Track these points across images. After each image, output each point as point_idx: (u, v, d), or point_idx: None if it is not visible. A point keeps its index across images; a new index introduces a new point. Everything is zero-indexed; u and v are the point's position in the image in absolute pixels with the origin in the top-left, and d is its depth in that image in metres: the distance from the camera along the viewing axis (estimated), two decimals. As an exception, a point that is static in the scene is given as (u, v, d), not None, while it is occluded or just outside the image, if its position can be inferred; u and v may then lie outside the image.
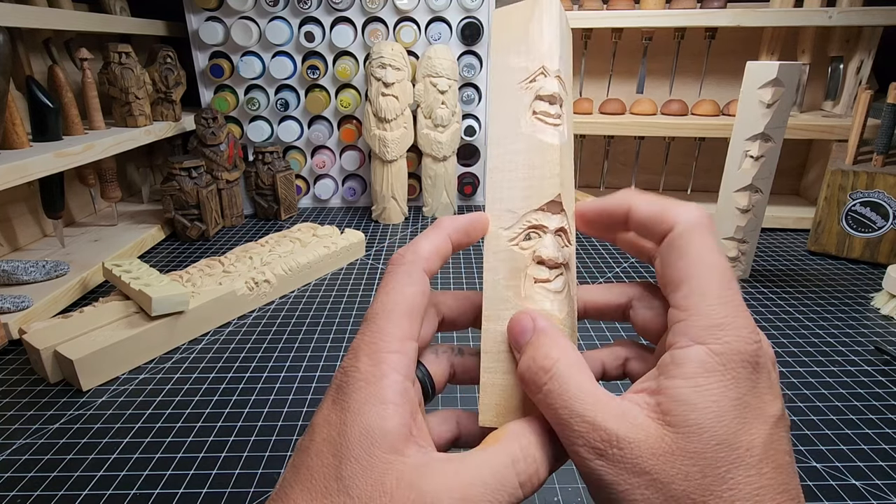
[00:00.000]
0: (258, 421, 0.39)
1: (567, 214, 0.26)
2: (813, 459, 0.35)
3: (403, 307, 0.22)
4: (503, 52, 0.30)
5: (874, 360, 0.47)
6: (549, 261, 0.25)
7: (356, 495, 0.19)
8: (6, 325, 0.47)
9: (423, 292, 0.23)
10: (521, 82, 0.28)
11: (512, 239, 0.26)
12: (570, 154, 0.28)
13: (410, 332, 0.22)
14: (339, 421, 0.20)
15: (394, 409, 0.20)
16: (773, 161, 0.58)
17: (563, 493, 0.32)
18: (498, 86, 0.29)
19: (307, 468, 0.20)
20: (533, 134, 0.27)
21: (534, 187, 0.26)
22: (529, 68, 0.28)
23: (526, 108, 0.28)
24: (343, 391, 0.21)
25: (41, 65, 0.70)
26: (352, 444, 0.20)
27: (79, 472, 0.34)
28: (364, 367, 0.21)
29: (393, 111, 0.78)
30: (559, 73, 0.28)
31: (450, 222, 0.25)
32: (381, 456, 0.19)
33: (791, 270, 0.66)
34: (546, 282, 0.25)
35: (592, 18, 0.78)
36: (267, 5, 0.81)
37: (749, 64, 0.57)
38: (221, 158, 0.78)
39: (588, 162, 0.93)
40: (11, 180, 0.49)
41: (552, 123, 0.27)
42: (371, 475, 0.19)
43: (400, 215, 0.84)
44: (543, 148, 0.27)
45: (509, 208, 0.27)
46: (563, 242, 0.26)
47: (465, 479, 0.19)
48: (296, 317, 0.54)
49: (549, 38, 0.28)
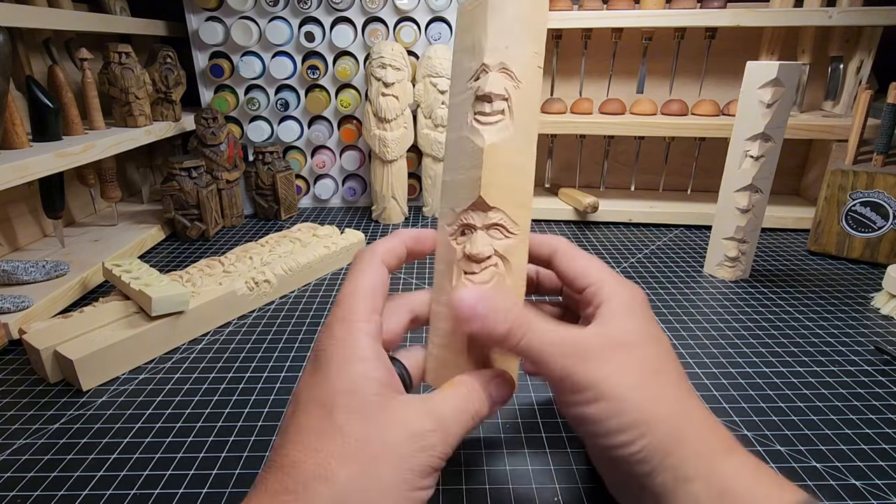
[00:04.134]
0: (258, 421, 0.39)
1: (506, 209, 0.28)
2: (813, 459, 0.35)
3: (367, 288, 0.27)
4: (458, 52, 0.30)
5: (874, 360, 0.47)
6: (473, 256, 0.28)
7: (350, 431, 0.22)
8: (6, 325, 0.47)
9: (382, 279, 0.28)
10: (468, 82, 0.29)
11: (451, 234, 0.29)
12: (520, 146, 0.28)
13: (374, 307, 0.26)
14: (323, 381, 0.24)
15: (373, 364, 0.24)
16: (773, 161, 0.58)
17: (563, 493, 0.32)
18: (453, 86, 0.31)
19: (297, 427, 0.23)
20: (468, 136, 0.28)
21: (466, 188, 0.29)
22: (473, 68, 0.29)
23: (469, 109, 0.29)
24: (321, 359, 0.25)
25: (41, 65, 0.70)
26: (341, 394, 0.23)
27: (79, 472, 0.34)
28: (339, 334, 0.25)
29: (393, 111, 0.78)
30: (503, 66, 0.28)
31: (404, 231, 0.30)
32: (370, 399, 0.23)
33: (791, 270, 0.66)
34: (472, 274, 0.28)
35: (592, 18, 0.78)
36: (267, 5, 0.81)
37: (749, 64, 0.57)
38: (221, 158, 0.78)
39: (588, 162, 0.93)
40: (11, 180, 0.49)
41: (488, 122, 0.28)
42: (361, 414, 0.23)
43: (400, 215, 0.84)
44: (473, 150, 0.28)
45: (451, 206, 0.29)
46: (500, 235, 0.28)
47: (436, 406, 0.25)
48: (296, 317, 0.54)
49: (492, 33, 0.28)
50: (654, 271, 0.65)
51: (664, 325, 0.52)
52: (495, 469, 0.34)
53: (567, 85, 0.90)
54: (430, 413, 0.24)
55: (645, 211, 0.82)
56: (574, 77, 0.89)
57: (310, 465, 0.21)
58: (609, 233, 0.79)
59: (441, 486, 0.33)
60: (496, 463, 0.35)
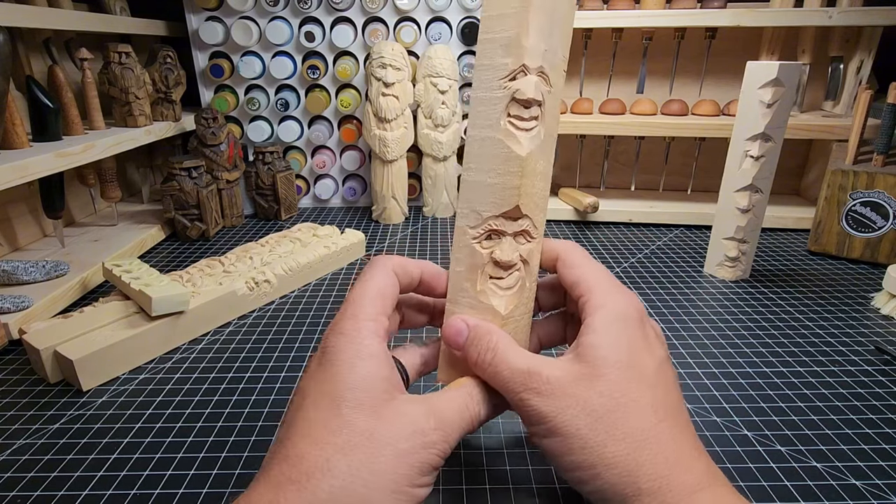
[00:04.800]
0: (258, 421, 0.39)
1: (533, 216, 0.28)
2: (813, 459, 0.35)
3: (377, 291, 0.27)
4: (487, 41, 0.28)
5: (874, 360, 0.47)
6: (503, 263, 0.28)
7: (355, 425, 0.23)
8: (6, 325, 0.47)
9: (392, 284, 0.28)
10: (501, 79, 0.27)
11: (475, 238, 0.29)
12: (547, 152, 0.29)
13: (383, 310, 0.27)
14: (332, 377, 0.25)
15: (380, 363, 0.25)
16: (774, 161, 0.58)
17: (563, 493, 0.32)
18: (478, 78, 0.28)
19: (304, 420, 0.24)
20: (503, 140, 0.27)
21: (497, 194, 0.28)
22: (509, 65, 0.27)
23: (503, 110, 0.27)
24: (328, 353, 0.25)
25: (41, 65, 0.70)
26: (349, 390, 0.24)
27: (79, 472, 0.34)
28: (348, 332, 0.26)
29: (393, 111, 0.78)
30: (542, 70, 0.27)
31: (425, 262, 0.31)
32: (378, 395, 0.24)
33: (791, 270, 0.66)
34: (499, 279, 0.28)
35: (592, 18, 0.78)
36: (267, 5, 0.81)
37: (749, 64, 0.57)
38: (221, 158, 0.78)
39: (588, 162, 0.93)
40: (11, 180, 0.49)
41: (524, 128, 0.27)
42: (368, 410, 0.24)
43: (400, 215, 0.84)
44: (509, 157, 0.27)
45: (475, 209, 0.29)
46: (524, 240, 0.29)
47: (439, 406, 0.25)
48: (296, 317, 0.54)
49: (535, 30, 0.26)
50: (654, 271, 0.65)
51: (664, 325, 0.52)
52: (495, 469, 0.34)
53: (567, 85, 0.90)
54: (432, 412, 0.25)
55: (645, 211, 0.82)
56: (574, 77, 0.89)
57: (315, 457, 0.22)
58: (609, 233, 0.79)
59: (441, 486, 0.33)
60: (496, 463, 0.35)
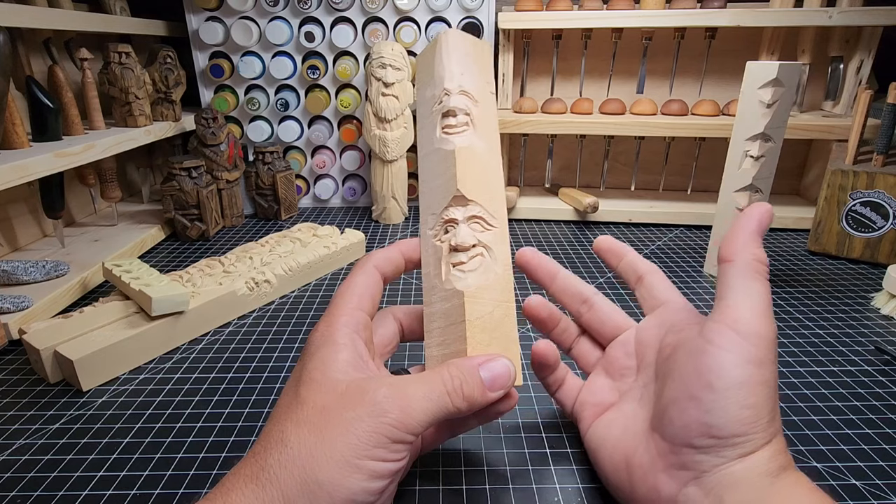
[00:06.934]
0: (258, 421, 0.39)
1: (483, 203, 0.31)
2: (813, 459, 0.35)
3: (354, 289, 0.29)
4: (421, 87, 0.36)
5: (874, 360, 0.47)
6: (458, 246, 0.30)
7: (309, 401, 0.24)
8: (6, 325, 0.47)
9: (373, 282, 0.30)
10: (433, 107, 0.34)
11: (435, 236, 0.31)
12: (484, 147, 0.32)
13: (359, 304, 0.29)
14: (301, 365, 0.27)
15: (343, 347, 0.26)
16: (773, 161, 0.58)
17: (563, 493, 0.32)
18: (420, 115, 0.35)
19: (275, 407, 0.26)
20: (440, 147, 0.32)
21: (443, 188, 0.31)
22: (436, 94, 0.34)
23: (436, 127, 0.33)
24: (305, 350, 0.27)
25: (41, 65, 0.69)
26: (309, 372, 0.25)
27: (79, 472, 0.34)
28: (322, 328, 0.28)
29: (393, 111, 0.78)
30: (462, 88, 0.33)
31: (402, 241, 0.32)
32: (333, 375, 0.25)
33: (791, 270, 0.66)
34: (461, 264, 0.30)
35: (592, 18, 0.77)
36: (267, 5, 0.81)
37: (749, 64, 0.57)
38: (221, 158, 0.78)
39: (588, 162, 0.93)
40: (11, 180, 0.49)
41: (456, 132, 0.32)
42: (324, 387, 0.25)
43: (400, 215, 0.84)
44: (445, 155, 0.32)
45: (432, 211, 0.32)
46: (481, 228, 0.30)
47: (401, 380, 0.25)
48: (296, 317, 0.54)
49: (448, 64, 0.33)
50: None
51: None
52: (495, 469, 0.34)
53: (567, 85, 0.90)
54: (390, 384, 0.25)
55: (645, 211, 0.82)
56: (574, 77, 0.89)
57: (275, 433, 0.24)
58: (609, 233, 0.79)
59: (441, 486, 0.33)
60: (496, 463, 0.35)
